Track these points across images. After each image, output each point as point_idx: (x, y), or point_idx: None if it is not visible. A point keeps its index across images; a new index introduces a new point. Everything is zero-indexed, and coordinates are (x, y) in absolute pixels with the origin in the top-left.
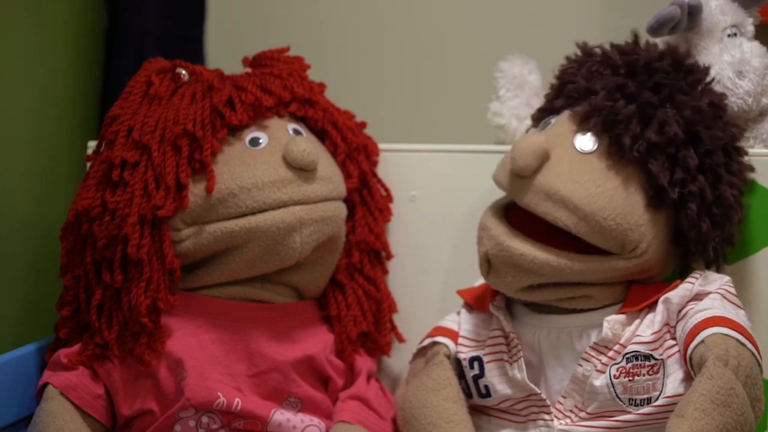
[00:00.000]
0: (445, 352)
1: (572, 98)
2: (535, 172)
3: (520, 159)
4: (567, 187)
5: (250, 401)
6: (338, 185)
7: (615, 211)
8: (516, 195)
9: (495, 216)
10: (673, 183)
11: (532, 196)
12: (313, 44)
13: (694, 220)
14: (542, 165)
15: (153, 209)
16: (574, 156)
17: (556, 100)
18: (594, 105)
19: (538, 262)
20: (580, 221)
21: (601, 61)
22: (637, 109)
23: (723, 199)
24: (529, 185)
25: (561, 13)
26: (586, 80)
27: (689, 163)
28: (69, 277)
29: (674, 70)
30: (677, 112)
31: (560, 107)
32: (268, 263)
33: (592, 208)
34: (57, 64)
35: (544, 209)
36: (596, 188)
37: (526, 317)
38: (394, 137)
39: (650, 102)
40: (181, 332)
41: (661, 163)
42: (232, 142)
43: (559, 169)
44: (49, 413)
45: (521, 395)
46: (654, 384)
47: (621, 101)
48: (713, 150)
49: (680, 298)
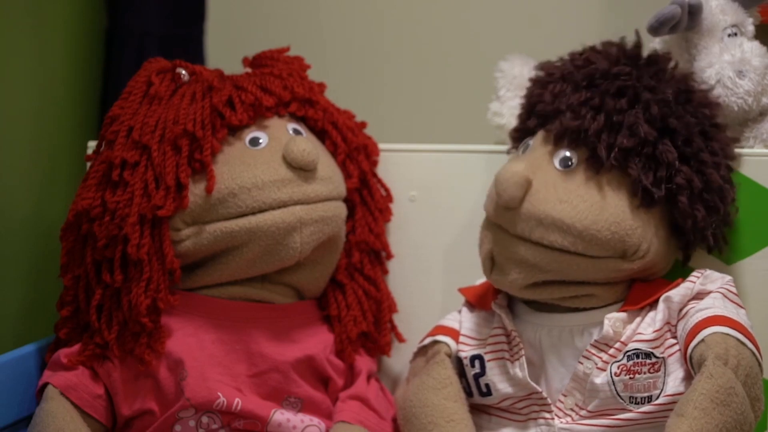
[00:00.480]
0: (446, 350)
1: (543, 117)
2: (521, 201)
3: (504, 193)
4: (556, 209)
5: (250, 401)
6: (338, 185)
7: (608, 221)
8: (507, 226)
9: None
10: (657, 181)
11: (524, 225)
12: (313, 44)
13: (687, 211)
14: (527, 192)
15: (153, 209)
16: (556, 176)
17: (528, 121)
18: (563, 125)
19: (543, 258)
20: (576, 239)
21: (562, 78)
22: (605, 119)
23: (711, 183)
24: (518, 215)
25: (561, 13)
26: (552, 101)
27: (669, 157)
28: (69, 277)
29: (634, 67)
30: (644, 111)
31: (534, 127)
32: (268, 263)
33: (584, 223)
34: (57, 64)
35: (538, 235)
36: (584, 203)
37: (527, 315)
38: (394, 137)
39: (617, 108)
40: (181, 332)
41: (641, 165)
42: (232, 142)
43: (544, 193)
44: (49, 413)
45: (522, 394)
46: (655, 382)
47: (588, 116)
48: (690, 137)
49: (681, 296)
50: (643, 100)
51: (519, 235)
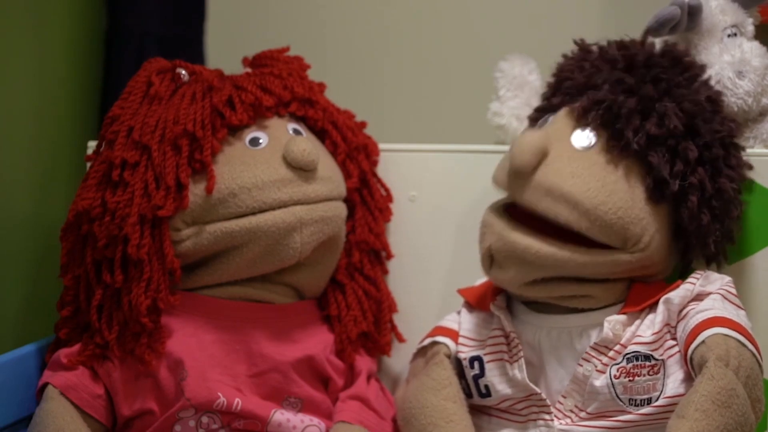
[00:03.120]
0: (445, 351)
1: (570, 95)
2: (534, 170)
3: (518, 157)
4: (567, 183)
5: (250, 401)
6: (338, 185)
7: (616, 205)
8: (516, 193)
9: (496, 213)
10: (674, 175)
11: (532, 193)
12: (313, 44)
13: (694, 212)
14: (541, 162)
15: (153, 209)
16: (573, 152)
17: (553, 98)
18: (594, 99)
19: (542, 254)
20: (581, 216)
21: (600, 57)
22: (638, 102)
23: (722, 192)
24: (528, 183)
25: (561, 13)
26: (585, 76)
27: (689, 155)
28: (69, 277)
29: (672, 65)
30: (676, 105)
31: (557, 105)
32: (268, 263)
33: (593, 202)
34: (57, 64)
35: (545, 206)
36: (596, 182)
37: (526, 317)
38: (394, 137)
39: (650, 95)
40: (181, 332)
41: (662, 155)
42: (232, 142)
43: (558, 165)
44: (49, 413)
45: (521, 395)
46: (654, 384)
47: (621, 95)
48: (712, 143)
49: (681, 298)
50: (676, 95)
51: (526, 203)
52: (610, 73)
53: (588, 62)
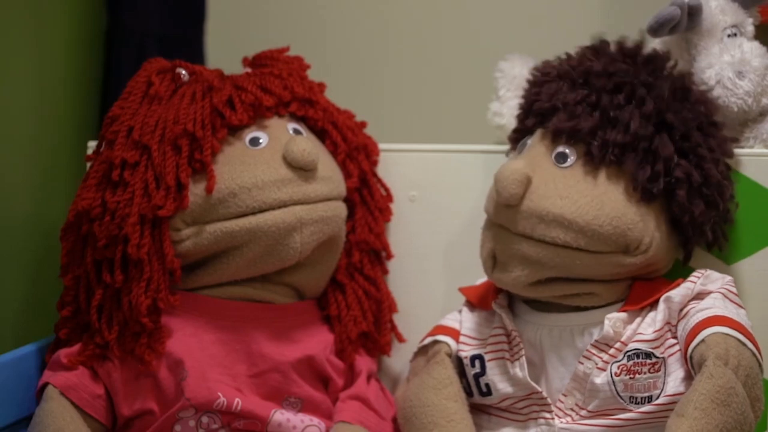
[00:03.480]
0: (446, 350)
1: (541, 115)
2: (522, 199)
3: (504, 190)
4: (556, 205)
5: (250, 401)
6: (338, 185)
7: (609, 216)
8: (509, 224)
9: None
10: (655, 176)
11: (525, 222)
12: (313, 44)
13: (685, 205)
14: (527, 190)
15: (153, 209)
16: (556, 173)
17: (526, 120)
18: (558, 124)
19: (546, 255)
20: (577, 235)
21: (558, 77)
22: (601, 115)
23: (710, 178)
24: (519, 212)
25: (561, 13)
26: (549, 99)
27: (665, 151)
28: (69, 277)
29: (632, 65)
30: (640, 107)
31: (532, 126)
32: (268, 263)
33: (585, 219)
34: (57, 64)
35: (540, 232)
36: (584, 199)
37: (527, 315)
38: (394, 137)
39: (612, 104)
40: (181, 332)
41: (638, 160)
42: (232, 141)
43: (544, 189)
44: (49, 413)
45: (522, 393)
46: (655, 382)
47: (583, 114)
48: (688, 132)
49: (682, 296)
50: (638, 96)
51: (521, 233)
52: (568, 94)
53: (549, 84)
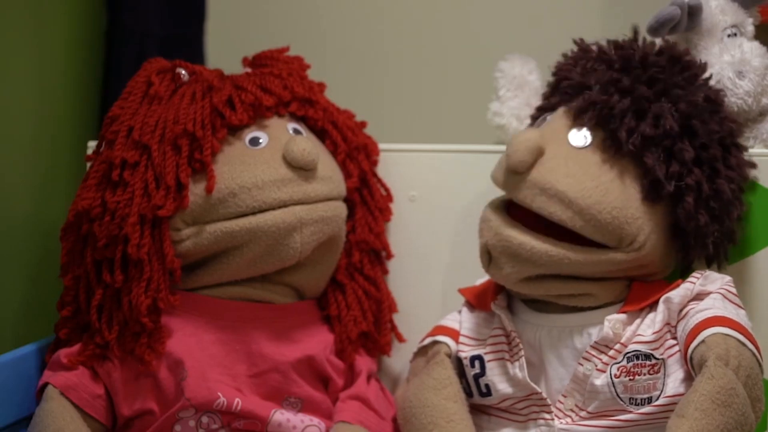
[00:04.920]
0: (445, 351)
1: (567, 94)
2: (530, 168)
3: (514, 155)
4: (561, 182)
5: (250, 401)
6: (338, 184)
7: (610, 205)
8: (512, 191)
9: (494, 209)
10: (669, 176)
11: (528, 191)
12: (313, 44)
13: (691, 212)
14: (537, 160)
15: (153, 209)
16: (569, 151)
17: (551, 97)
18: (588, 100)
19: (536, 252)
20: (575, 215)
21: (597, 57)
22: (632, 102)
23: (720, 193)
24: (524, 181)
25: (561, 13)
26: (581, 76)
27: (685, 155)
28: (69, 277)
29: (670, 65)
30: (672, 106)
31: (555, 104)
32: (268, 263)
33: (587, 201)
34: (57, 64)
35: (539, 204)
36: (591, 182)
37: (527, 316)
38: (394, 137)
39: (645, 96)
40: (181, 332)
41: (657, 156)
42: (232, 141)
43: (553, 163)
44: (49, 413)
45: (522, 394)
46: (655, 383)
47: (615, 95)
48: (709, 143)
49: (681, 297)
50: (673, 95)
51: (521, 201)
52: (605, 74)
53: (585, 62)
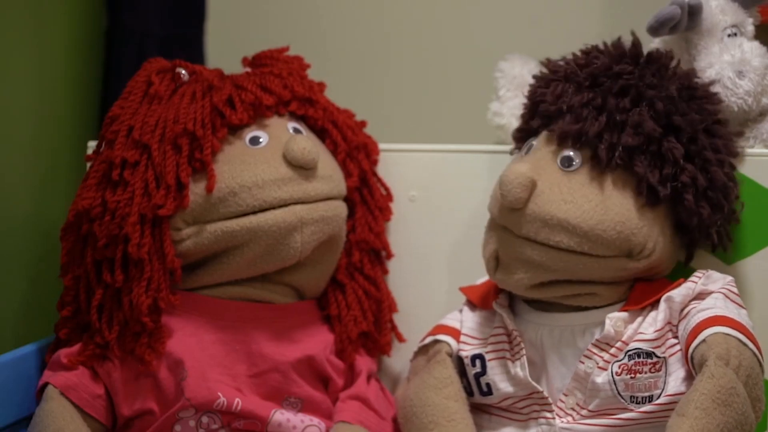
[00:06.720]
0: (446, 350)
1: (546, 117)
2: (526, 202)
3: (509, 194)
4: (561, 209)
5: (250, 401)
6: (338, 184)
7: (613, 221)
8: (513, 227)
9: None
10: (663, 179)
11: (530, 226)
12: (313, 44)
13: (692, 209)
14: (532, 194)
15: (153, 208)
16: (561, 177)
17: (531, 121)
18: (564, 128)
19: (550, 258)
20: (581, 240)
21: (564, 78)
22: (607, 119)
23: (716, 181)
24: (523, 216)
25: (561, 13)
26: (554, 101)
27: (675, 154)
28: (69, 277)
29: (635, 66)
30: (650, 108)
31: (537, 127)
32: (268, 263)
33: (589, 223)
34: (57, 64)
35: (544, 236)
36: (589, 203)
37: (528, 315)
38: (394, 137)
39: (619, 107)
40: (181, 332)
41: (647, 162)
42: (232, 141)
43: (549, 194)
44: (49, 413)
45: (523, 393)
46: (656, 382)
47: (589, 117)
48: (695, 135)
49: (683, 296)
50: (647, 97)
51: (524, 236)
52: (574, 97)
53: (556, 84)
